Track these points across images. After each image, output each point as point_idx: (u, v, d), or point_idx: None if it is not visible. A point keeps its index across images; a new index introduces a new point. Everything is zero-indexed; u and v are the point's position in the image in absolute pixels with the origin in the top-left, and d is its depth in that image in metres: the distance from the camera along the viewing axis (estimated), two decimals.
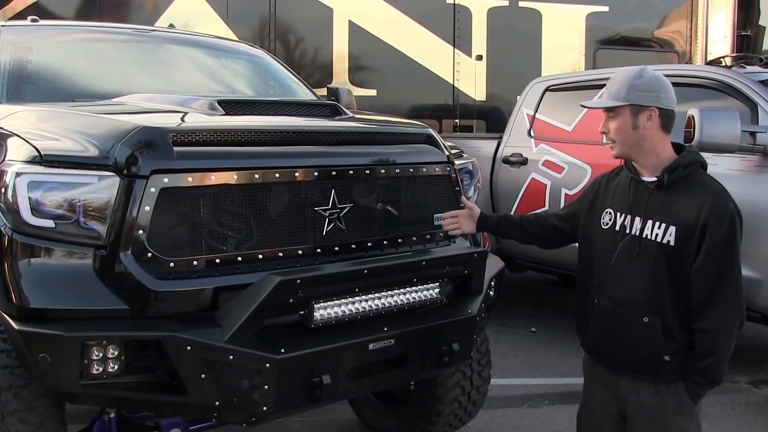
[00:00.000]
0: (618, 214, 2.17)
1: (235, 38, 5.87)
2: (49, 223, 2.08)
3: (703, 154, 3.75)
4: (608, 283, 2.17)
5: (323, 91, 4.64)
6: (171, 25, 6.22)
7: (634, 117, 2.07)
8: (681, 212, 2.04)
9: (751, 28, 8.50)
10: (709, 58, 7.35)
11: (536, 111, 5.36)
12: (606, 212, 2.21)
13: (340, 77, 6.76)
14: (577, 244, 2.36)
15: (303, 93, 4.02)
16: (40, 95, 3.11)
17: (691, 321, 2.05)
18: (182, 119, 2.47)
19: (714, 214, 1.99)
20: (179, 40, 4.05)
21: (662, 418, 2.10)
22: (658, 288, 2.07)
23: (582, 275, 2.29)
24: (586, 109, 4.97)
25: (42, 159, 2.13)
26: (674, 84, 4.58)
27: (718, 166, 3.92)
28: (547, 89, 5.38)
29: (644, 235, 2.08)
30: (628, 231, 2.13)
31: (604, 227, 2.20)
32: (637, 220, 2.11)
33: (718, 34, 7.73)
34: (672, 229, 2.04)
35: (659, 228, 2.06)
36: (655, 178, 2.09)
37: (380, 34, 6.94)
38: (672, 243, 2.04)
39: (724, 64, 4.92)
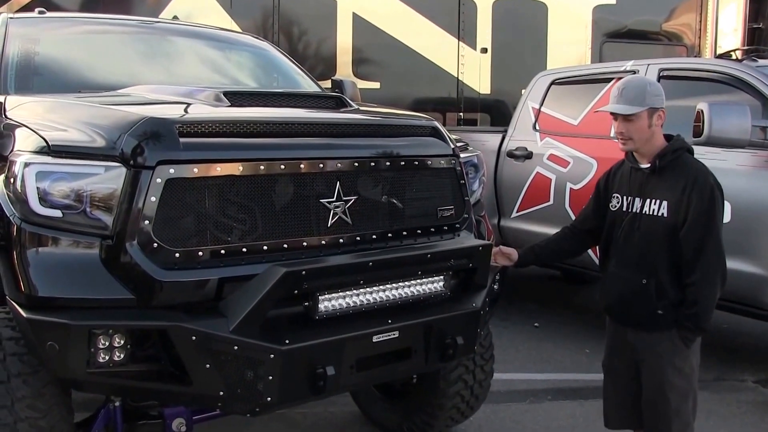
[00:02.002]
0: (624, 197, 2.60)
1: (239, 30, 5.87)
2: (57, 213, 2.09)
3: (712, 150, 3.79)
4: (617, 253, 2.61)
5: (327, 84, 4.64)
6: (175, 17, 6.21)
7: (650, 118, 2.49)
8: (671, 189, 2.47)
9: (763, 21, 8.44)
10: (719, 51, 7.29)
11: (542, 104, 5.34)
12: (613, 197, 2.65)
13: (344, 70, 6.75)
14: None
15: (308, 85, 4.02)
16: (47, 86, 3.12)
17: (682, 279, 2.47)
18: (188, 110, 2.47)
19: (697, 187, 2.43)
20: (184, 32, 4.05)
21: (660, 359, 2.52)
22: (654, 254, 2.49)
23: (602, 250, 2.75)
24: (592, 103, 4.96)
25: (50, 149, 2.15)
26: (683, 78, 4.55)
27: (727, 161, 3.89)
28: (552, 83, 5.36)
29: (643, 212, 2.52)
30: (630, 210, 2.57)
31: (612, 209, 2.65)
32: (637, 200, 2.55)
33: (728, 27, 7.67)
34: (665, 203, 2.48)
35: (655, 204, 2.49)
36: (649, 164, 2.53)
37: (384, 27, 6.93)
38: (665, 215, 2.47)
39: (734, 57, 4.87)
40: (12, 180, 2.14)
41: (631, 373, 2.63)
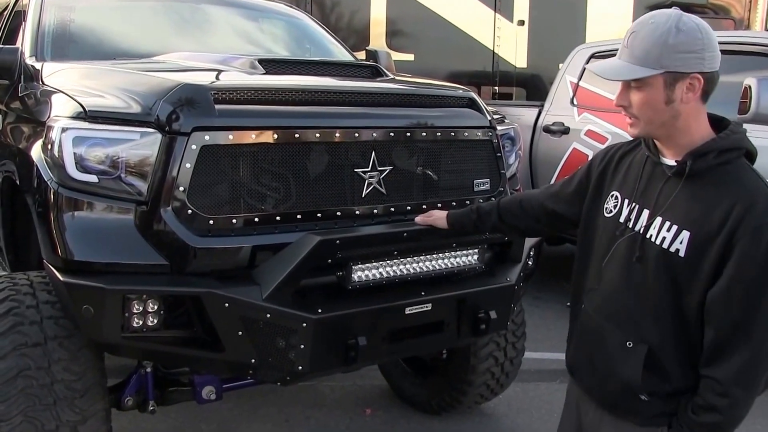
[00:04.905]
0: (626, 201, 1.65)
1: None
2: (93, 178, 2.09)
3: (759, 128, 3.64)
4: (597, 288, 1.69)
5: (361, 55, 4.58)
6: None
7: (669, 88, 1.48)
8: (700, 213, 1.48)
9: None
10: None
11: (580, 79, 5.21)
12: (612, 195, 1.69)
13: (378, 41, 6.66)
14: None
15: (342, 55, 3.98)
16: (82, 54, 3.14)
17: (696, 361, 1.54)
18: (223, 77, 2.45)
19: (747, 223, 1.42)
20: (218, 1, 4.02)
21: None
22: (655, 307, 1.56)
23: (577, 273, 1.80)
24: None
25: (86, 115, 2.15)
26: (731, 52, 4.32)
27: None
28: (592, 56, 5.23)
29: (648, 235, 1.56)
30: (630, 224, 1.61)
31: (606, 215, 1.69)
32: (645, 213, 1.58)
33: None
34: (685, 234, 1.49)
35: (668, 230, 1.52)
36: (676, 162, 1.54)
37: None
38: (681, 253, 1.49)
39: None
40: (49, 145, 2.15)
41: None
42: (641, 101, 1.52)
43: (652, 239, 1.55)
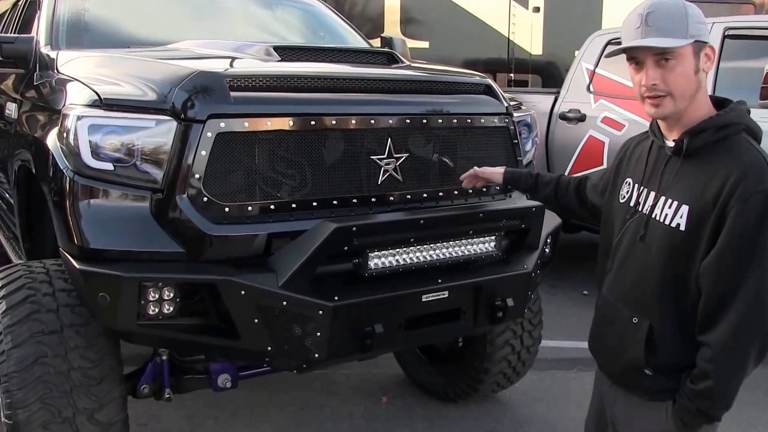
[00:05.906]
0: (636, 185, 1.73)
1: None
2: (108, 166, 2.09)
3: None
4: (611, 269, 1.78)
5: (376, 43, 4.56)
6: None
7: (696, 57, 1.55)
8: (698, 187, 1.54)
9: None
10: None
11: (596, 65, 5.15)
12: (626, 182, 1.78)
13: (392, 29, 6.63)
14: None
15: (357, 42, 3.94)
16: (96, 42, 3.13)
17: (695, 332, 1.59)
18: (239, 64, 2.44)
19: (739, 194, 1.46)
20: None
21: None
22: (658, 283, 1.62)
23: (599, 259, 1.87)
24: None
25: (102, 103, 2.14)
26: (750, 37, 4.26)
27: None
28: (608, 43, 5.15)
29: (654, 215, 1.64)
30: (638, 207, 1.70)
31: (620, 201, 1.77)
32: (652, 195, 1.66)
33: None
34: (684, 209, 1.55)
35: (669, 207, 1.59)
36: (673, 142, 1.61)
37: None
38: (682, 227, 1.55)
39: None
40: (65, 133, 2.15)
41: None
42: (676, 75, 1.54)
43: (656, 218, 1.62)
